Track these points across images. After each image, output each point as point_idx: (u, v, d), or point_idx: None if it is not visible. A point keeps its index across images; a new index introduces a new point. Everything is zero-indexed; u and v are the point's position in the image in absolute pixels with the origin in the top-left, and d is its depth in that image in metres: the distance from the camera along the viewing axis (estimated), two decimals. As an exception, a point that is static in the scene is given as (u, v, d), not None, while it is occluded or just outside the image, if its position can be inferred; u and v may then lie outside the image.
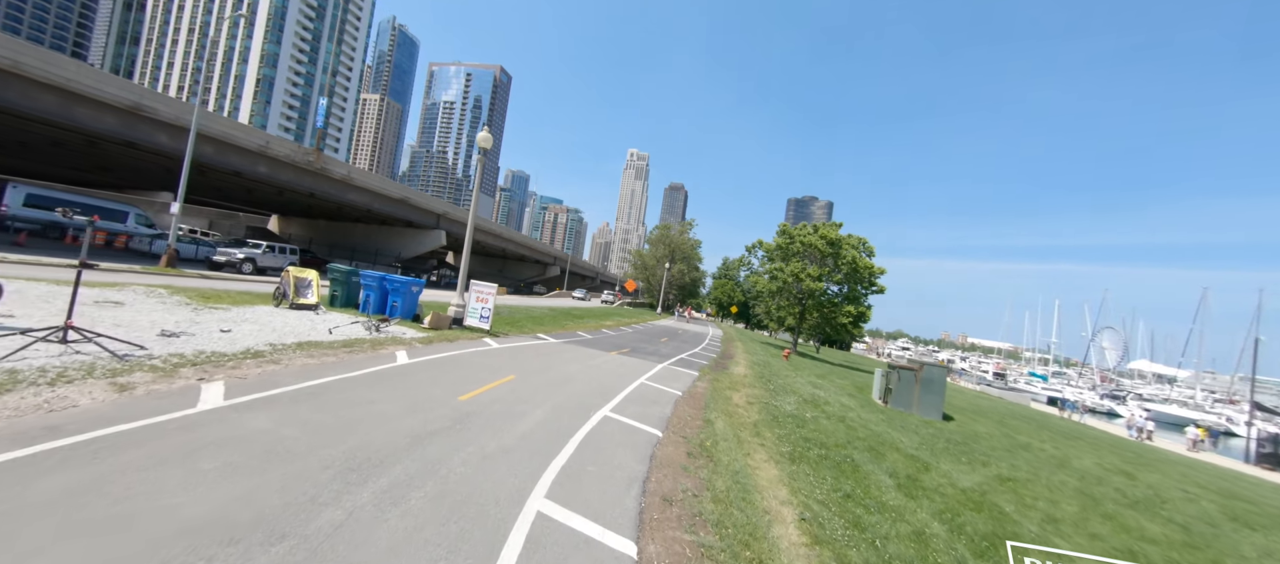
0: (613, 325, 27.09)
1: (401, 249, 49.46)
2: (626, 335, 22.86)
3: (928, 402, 15.74)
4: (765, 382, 14.55)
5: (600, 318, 29.99)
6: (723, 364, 17.88)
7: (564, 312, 29.15)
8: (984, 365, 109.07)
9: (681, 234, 66.43)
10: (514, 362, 10.53)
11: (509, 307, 26.31)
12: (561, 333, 18.50)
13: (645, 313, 52.32)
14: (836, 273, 32.21)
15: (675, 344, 22.83)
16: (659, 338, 24.74)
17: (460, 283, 14.67)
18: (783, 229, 35.27)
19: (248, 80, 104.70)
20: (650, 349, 18.52)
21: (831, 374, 24.30)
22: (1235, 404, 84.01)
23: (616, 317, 34.37)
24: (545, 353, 12.67)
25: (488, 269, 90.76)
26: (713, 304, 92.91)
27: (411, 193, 44.67)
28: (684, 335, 30.00)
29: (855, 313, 31.91)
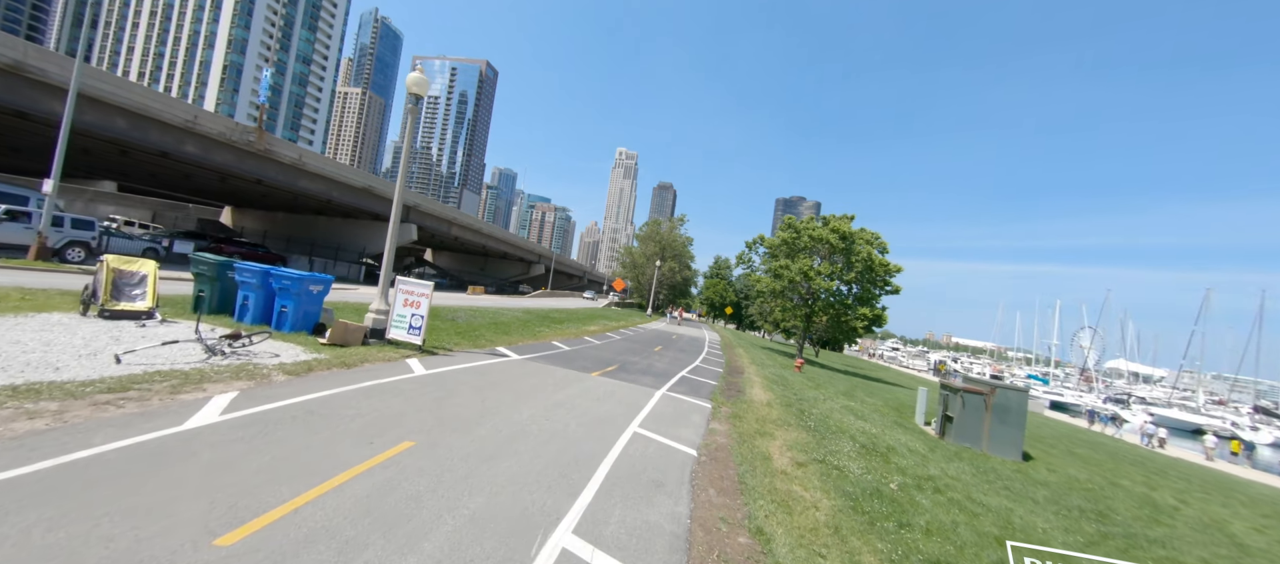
0: (597, 330, 23.25)
1: (367, 244, 45.04)
2: (614, 345, 19.02)
3: (1002, 436, 12.16)
4: (799, 414, 10.82)
5: (583, 322, 26.13)
6: (734, 384, 14.14)
7: (542, 315, 25.24)
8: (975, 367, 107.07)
9: (672, 230, 62.75)
10: (432, 406, 6.65)
11: (474, 310, 22.31)
12: (531, 345, 14.62)
13: (634, 314, 48.54)
14: (849, 271, 28.71)
15: (671, 355, 19.06)
16: (651, 347, 20.97)
17: (382, 278, 10.69)
18: (788, 222, 31.71)
19: (214, 66, 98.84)
20: (642, 364, 14.71)
21: (856, 389, 20.73)
22: (1223, 404, 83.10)
23: (603, 320, 30.52)
24: (494, 383, 8.79)
25: (467, 268, 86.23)
26: (705, 305, 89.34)
27: (376, 182, 40.35)
28: (679, 342, 26.27)
29: (870, 315, 28.44)
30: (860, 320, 28.34)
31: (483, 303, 29.34)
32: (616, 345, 18.90)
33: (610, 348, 17.66)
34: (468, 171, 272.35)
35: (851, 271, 28.41)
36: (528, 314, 24.38)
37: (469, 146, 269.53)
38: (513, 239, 70.48)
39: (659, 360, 16.56)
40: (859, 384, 24.55)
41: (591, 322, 27.17)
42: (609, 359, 14.56)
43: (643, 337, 25.60)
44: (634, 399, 9.44)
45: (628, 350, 17.87)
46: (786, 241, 31.02)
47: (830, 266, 28.11)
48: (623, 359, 15.10)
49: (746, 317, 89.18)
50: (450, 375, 8.56)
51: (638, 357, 16.54)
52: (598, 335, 21.49)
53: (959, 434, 12.63)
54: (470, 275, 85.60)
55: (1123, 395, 79.17)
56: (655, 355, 17.93)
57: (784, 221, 31.75)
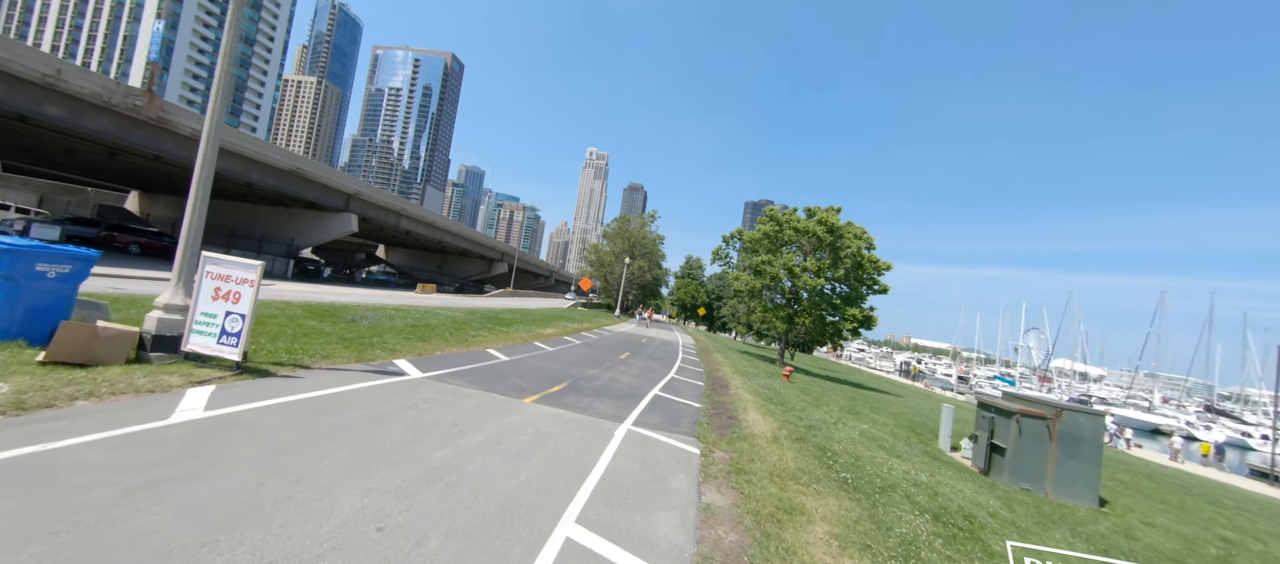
0: (553, 334, 19.61)
1: (300, 235, 39.88)
2: (569, 353, 15.43)
3: (1073, 474, 9.26)
4: (820, 454, 7.53)
5: (538, 324, 22.42)
6: (722, 405, 10.81)
7: (489, 316, 21.40)
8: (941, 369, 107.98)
9: (642, 228, 59.44)
10: (124, 505, 3.01)
11: (397, 309, 18.29)
12: (453, 355, 10.92)
13: (601, 315, 44.93)
14: (836, 268, 25.98)
15: (641, 365, 15.62)
16: (617, 354, 17.48)
17: (179, 258, 6.77)
18: (769, 214, 28.80)
19: (140, 42, 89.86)
20: (603, 381, 11.21)
21: (856, 402, 17.78)
22: (1167, 402, 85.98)
23: (563, 321, 26.85)
24: (331, 431, 5.13)
25: (424, 266, 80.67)
26: (676, 306, 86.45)
27: (306, 164, 35.41)
28: (650, 347, 22.89)
29: (860, 317, 25.77)
30: (849, 322, 25.68)
31: (420, 302, 25.22)
32: (573, 353, 15.32)
33: (564, 357, 14.08)
34: (431, 167, 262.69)
35: (839, 269, 25.71)
36: (471, 315, 20.50)
37: (433, 141, 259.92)
38: (472, 235, 65.73)
39: (625, 372, 13.10)
40: (851, 393, 21.76)
41: (548, 324, 23.49)
42: (558, 374, 10.99)
43: (608, 341, 22.09)
44: (582, 447, 5.94)
45: (586, 360, 14.33)
46: (768, 235, 28.10)
47: (816, 263, 25.33)
48: (577, 373, 11.55)
49: (718, 318, 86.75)
50: (249, 419, 4.85)
51: (598, 368, 13.04)
52: (552, 340, 17.85)
53: (1014, 471, 9.67)
54: (427, 274, 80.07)
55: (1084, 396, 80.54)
56: (621, 365, 14.46)
57: (765, 213, 28.84)
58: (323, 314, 12.18)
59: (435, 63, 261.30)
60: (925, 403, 26.89)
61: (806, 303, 26.55)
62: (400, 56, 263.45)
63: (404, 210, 46.97)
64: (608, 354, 16.74)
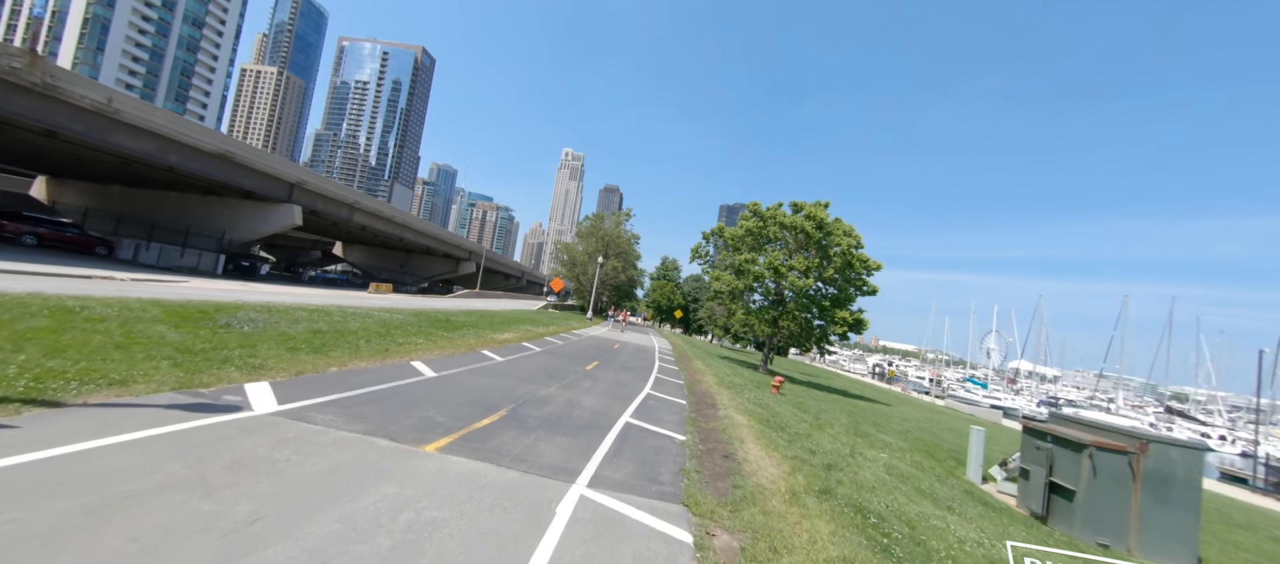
0: (511, 340, 16.86)
1: (234, 228, 35.80)
2: (522, 366, 12.73)
3: (1165, 526, 7.15)
4: (866, 526, 5.14)
5: (495, 328, 19.62)
6: (713, 436, 8.35)
7: (435, 320, 18.47)
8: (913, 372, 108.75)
9: (617, 226, 56.85)
10: None
11: (321, 310, 15.25)
12: (354, 373, 8.15)
13: (572, 318, 42.13)
14: (826, 267, 23.95)
15: (610, 378, 13.06)
16: (583, 363, 14.87)
17: None
18: (753, 209, 26.65)
19: (71, 17, 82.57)
20: (557, 406, 8.60)
21: (858, 417, 15.60)
22: (1128, 403, 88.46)
23: (527, 325, 24.06)
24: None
25: (385, 265, 76.18)
26: (651, 308, 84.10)
27: (237, 147, 31.55)
28: (623, 354, 20.34)
29: (850, 320, 23.79)
30: (838, 326, 23.69)
31: (361, 302, 22.05)
32: (528, 365, 12.64)
33: (514, 371, 11.40)
34: (399, 164, 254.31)
35: (828, 268, 23.70)
36: (414, 318, 17.55)
37: (401, 138, 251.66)
38: (436, 232, 61.92)
39: (590, 390, 10.53)
40: (845, 405, 19.67)
41: (507, 327, 20.69)
42: (498, 397, 8.33)
43: (574, 348, 19.43)
44: (495, 550, 3.39)
45: (542, 373, 11.67)
46: (751, 232, 25.92)
47: (805, 261, 23.25)
48: (525, 394, 8.92)
49: (694, 320, 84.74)
50: None
51: (556, 384, 10.43)
52: (506, 348, 15.13)
53: (1087, 519, 7.50)
54: (389, 274, 75.62)
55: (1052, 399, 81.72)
56: (585, 380, 11.88)
57: (748, 208, 26.70)
58: (189, 317, 9.22)
59: (405, 56, 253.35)
60: (917, 413, 25.15)
61: (792, 305, 24.46)
62: (368, 49, 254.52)
63: (358, 203, 43.20)
64: (572, 364, 14.12)
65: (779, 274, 23.60)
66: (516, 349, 15.15)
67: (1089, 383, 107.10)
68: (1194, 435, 63.70)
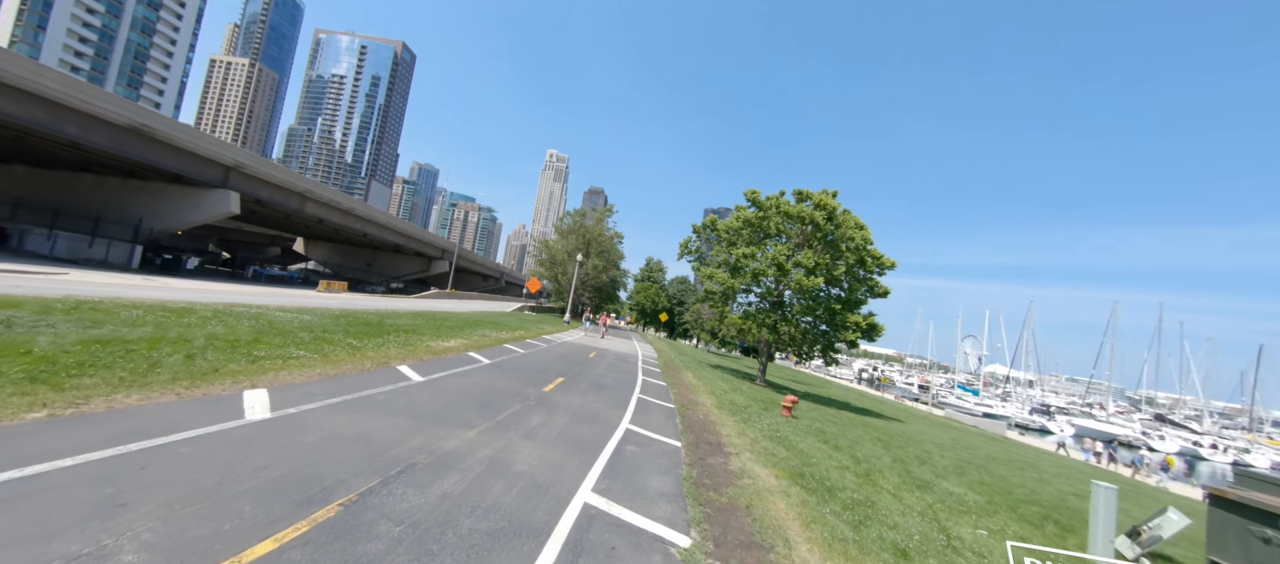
0: (452, 349, 13.14)
1: (156, 216, 31.23)
2: (448, 389, 9.02)
3: None
4: None
5: (449, 332, 15.86)
6: (734, 523, 4.88)
7: (362, 323, 14.66)
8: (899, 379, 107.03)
9: (599, 223, 53.25)
10: None
11: (188, 308, 11.35)
12: (132, 410, 4.49)
13: (548, 321, 38.36)
14: (837, 264, 20.69)
15: (575, 407, 9.43)
16: (543, 382, 11.22)
17: None
18: (751, 198, 23.30)
19: None
20: (468, 476, 4.98)
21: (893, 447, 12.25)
22: (1102, 408, 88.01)
23: (487, 329, 20.32)
24: None
25: (352, 263, 71.34)
26: (635, 311, 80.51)
27: (155, 120, 27.12)
28: (598, 366, 16.73)
29: (863, 324, 20.56)
30: (849, 332, 20.45)
31: (280, 301, 18.07)
32: (454, 390, 8.97)
33: (426, 402, 7.74)
34: (377, 162, 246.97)
35: (840, 265, 20.43)
36: (333, 321, 13.73)
37: (380, 135, 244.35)
38: (402, 227, 57.42)
39: (535, 435, 6.93)
40: (866, 427, 16.37)
41: (458, 333, 16.92)
42: (348, 470, 4.70)
43: (539, 359, 15.76)
44: None
45: (470, 405, 8.03)
46: (750, 223, 22.53)
47: (813, 257, 19.93)
48: (413, 452, 5.29)
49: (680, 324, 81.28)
50: None
51: (480, 427, 6.83)
52: (443, 362, 11.43)
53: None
54: (356, 272, 70.77)
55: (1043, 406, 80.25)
56: (536, 412, 8.29)
57: (746, 196, 23.34)
58: None
59: (384, 51, 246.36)
60: (941, 433, 22.00)
61: (797, 307, 21.15)
62: (345, 42, 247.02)
63: (309, 192, 38.80)
64: (525, 385, 10.47)
65: (782, 271, 20.27)
66: (456, 363, 11.46)
67: (1063, 387, 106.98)
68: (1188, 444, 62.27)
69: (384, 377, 8.55)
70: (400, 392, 7.75)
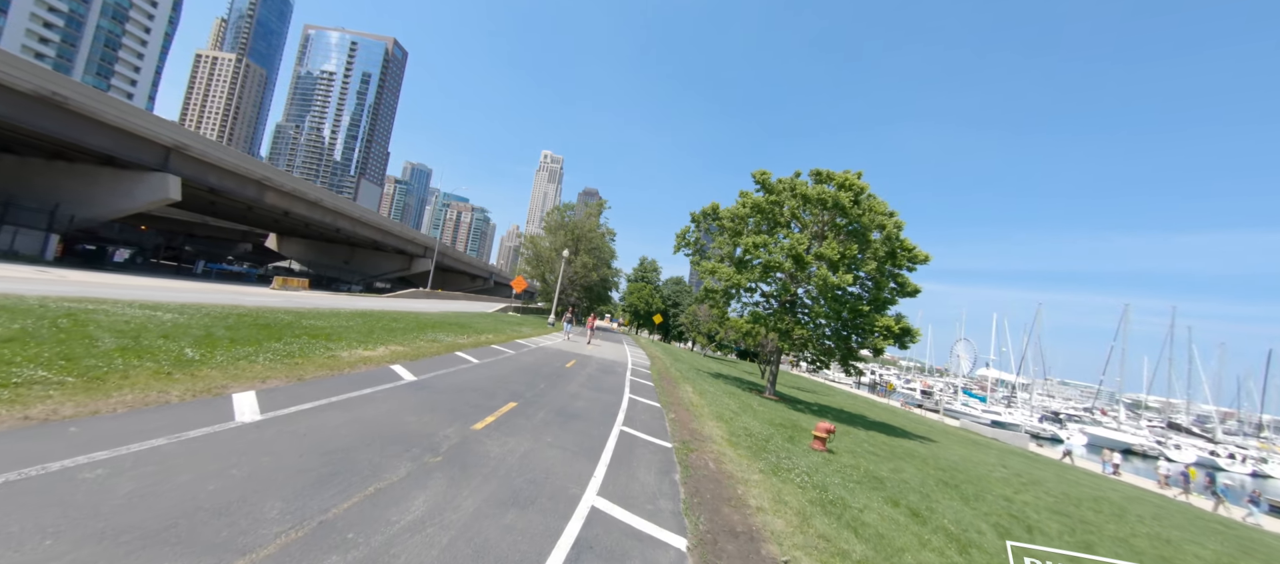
0: (379, 359, 9.63)
1: (79, 202, 27.43)
2: (302, 443, 5.56)
3: None
4: None
5: (372, 340, 12.32)
6: None
7: (268, 325, 11.12)
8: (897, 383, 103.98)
9: (589, 219, 49.80)
10: None
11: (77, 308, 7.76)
12: None
13: (530, 322, 34.82)
14: (866, 257, 17.30)
15: (519, 453, 5.93)
16: (479, 412, 7.69)
17: None
18: (760, 180, 19.90)
19: (-37, -27, 71.76)
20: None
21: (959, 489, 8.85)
22: (1106, 413, 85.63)
23: (441, 331, 16.79)
24: None
25: (329, 261, 67.36)
26: (628, 312, 77.01)
27: (73, 89, 23.40)
28: (575, 382, 13.22)
29: (895, 328, 17.18)
30: (879, 337, 17.09)
31: (193, 297, 14.48)
32: (331, 431, 5.49)
33: (263, 457, 4.29)
34: (367, 160, 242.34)
35: (869, 258, 17.06)
36: (247, 323, 10.21)
37: (370, 133, 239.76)
38: (379, 222, 53.60)
39: (426, 526, 3.55)
40: (900, 451, 12.99)
41: (408, 337, 13.40)
42: None
43: (499, 371, 12.26)
44: None
45: (344, 456, 4.59)
46: (760, 209, 19.08)
47: (838, 248, 16.51)
48: None
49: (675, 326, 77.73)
50: None
51: (335, 499, 3.44)
52: (358, 376, 7.95)
53: None
54: (333, 271, 66.86)
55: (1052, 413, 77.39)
56: (451, 466, 4.86)
57: (754, 178, 19.93)
58: None
59: (375, 47, 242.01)
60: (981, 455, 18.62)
61: (818, 308, 17.74)
62: (335, 38, 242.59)
63: (268, 180, 35.05)
64: (447, 420, 6.97)
65: (800, 264, 16.88)
66: (359, 382, 7.94)
67: (1058, 390, 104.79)
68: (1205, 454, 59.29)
69: (195, 413, 5.07)
70: (188, 446, 4.27)
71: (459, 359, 12.35)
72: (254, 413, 5.48)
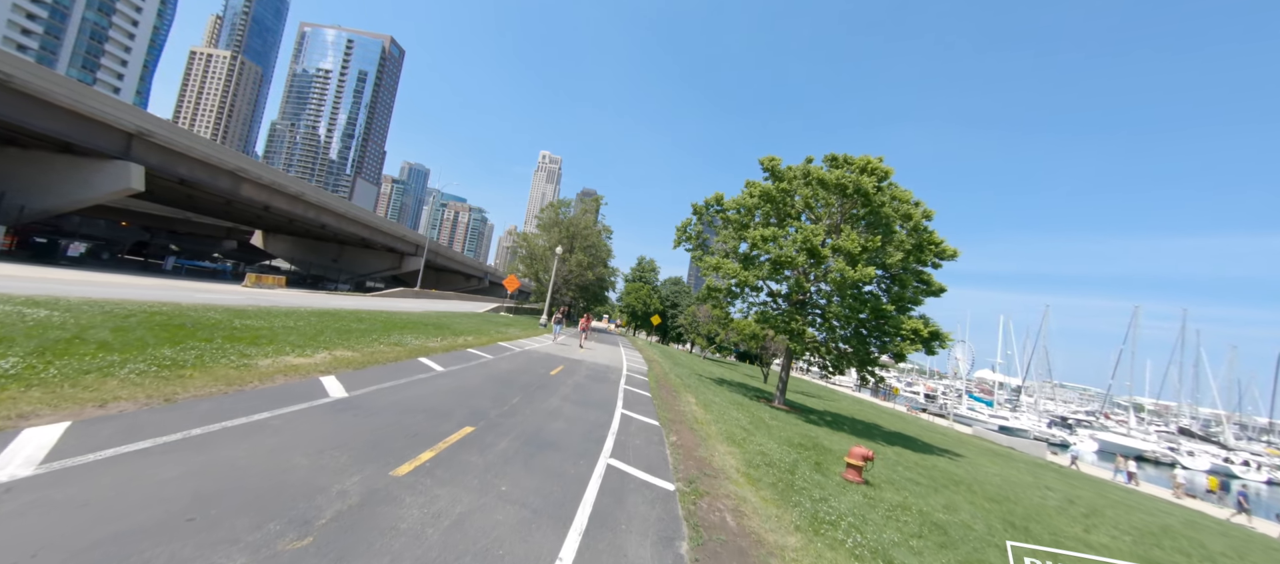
0: (306, 368, 7.70)
1: (36, 193, 25.38)
2: (102, 515, 3.60)
3: None
4: None
5: (305, 345, 10.34)
6: None
7: (179, 325, 9.15)
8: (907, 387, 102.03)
9: (585, 215, 47.82)
10: None
11: None
12: None
13: (519, 323, 32.86)
14: (889, 249, 15.38)
15: (446, 518, 4.05)
16: (416, 445, 5.73)
17: None
18: (769, 166, 17.95)
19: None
20: None
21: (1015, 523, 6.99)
22: (1104, 417, 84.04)
23: (423, 333, 14.82)
24: None
25: (317, 259, 65.24)
26: (625, 313, 74.98)
27: (18, 67, 21.36)
28: (556, 393, 11.22)
29: (924, 331, 15.25)
30: (907, 341, 15.14)
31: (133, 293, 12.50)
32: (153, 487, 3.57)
33: None
34: (363, 159, 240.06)
35: (894, 251, 15.13)
36: (157, 322, 8.27)
37: (366, 132, 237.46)
38: (366, 218, 51.46)
39: None
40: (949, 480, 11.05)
41: (363, 340, 11.43)
42: None
43: (466, 381, 10.30)
44: None
45: (136, 547, 2.71)
46: (770, 198, 17.12)
47: (860, 239, 14.54)
48: None
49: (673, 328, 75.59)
50: None
51: None
52: (265, 393, 6.01)
53: None
54: (321, 269, 64.76)
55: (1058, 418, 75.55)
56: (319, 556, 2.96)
57: (763, 165, 17.96)
58: None
59: (371, 45, 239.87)
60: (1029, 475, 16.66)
61: (833, 307, 15.77)
62: (331, 36, 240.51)
63: (243, 171, 32.99)
64: (360, 460, 5.04)
65: (816, 257, 14.92)
66: (264, 402, 5.99)
67: (1056, 393, 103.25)
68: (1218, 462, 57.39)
69: None
70: None
71: (420, 367, 10.37)
72: (28, 465, 3.52)
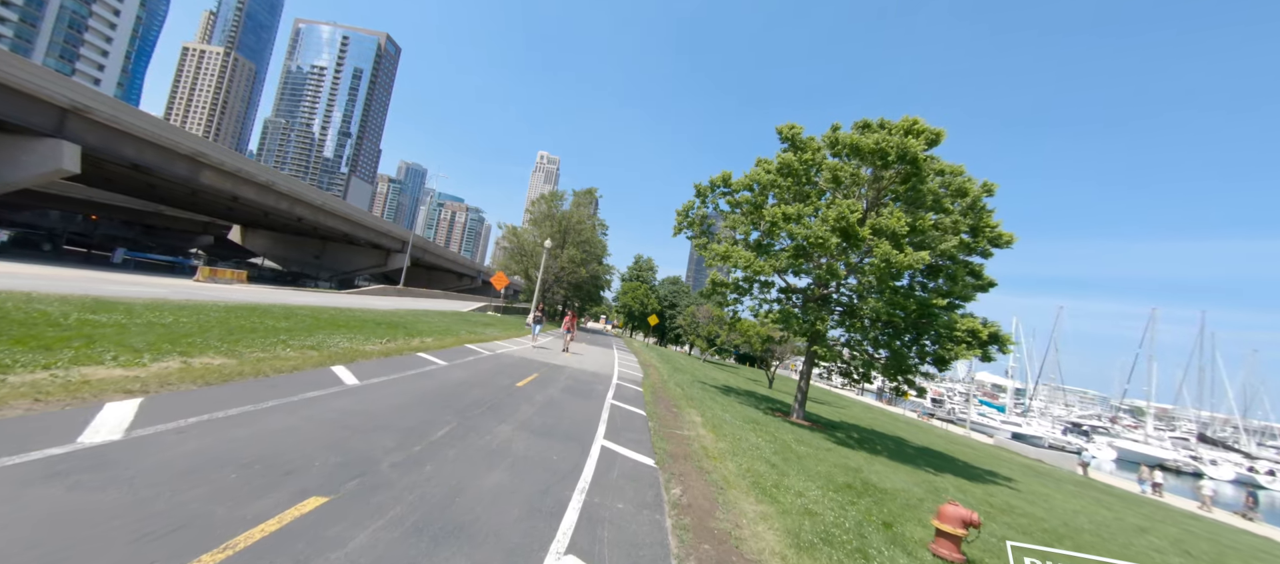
0: (169, 380, 4.84)
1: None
2: None
3: None
4: None
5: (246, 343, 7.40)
6: None
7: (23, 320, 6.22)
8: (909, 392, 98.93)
9: (578, 209, 44.96)
10: None
11: None
12: None
13: (500, 323, 29.93)
14: (943, 232, 12.49)
15: None
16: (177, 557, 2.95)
17: None
18: (789, 135, 15.02)
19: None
20: None
21: None
22: (1110, 422, 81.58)
23: (374, 335, 11.92)
24: None
25: (299, 255, 62.14)
26: (622, 313, 71.97)
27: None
28: (515, 415, 8.29)
29: (983, 333, 12.35)
30: (962, 344, 12.22)
31: None
32: None
33: None
34: (358, 157, 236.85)
35: (949, 233, 12.24)
36: None
37: (361, 130, 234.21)
38: (343, 211, 48.32)
39: None
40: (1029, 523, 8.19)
41: (272, 340, 8.52)
42: None
43: (399, 396, 7.41)
44: None
45: None
46: (792, 171, 14.17)
47: (905, 218, 11.60)
48: None
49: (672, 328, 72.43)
50: None
51: None
52: (15, 421, 3.12)
53: None
54: (303, 266, 61.72)
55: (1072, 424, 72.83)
56: None
57: (780, 134, 15.03)
58: None
59: (367, 42, 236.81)
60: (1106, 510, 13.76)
61: (871, 302, 12.82)
62: (326, 33, 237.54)
63: (201, 155, 29.99)
64: None
65: (852, 239, 12.01)
66: None
67: (1056, 397, 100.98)
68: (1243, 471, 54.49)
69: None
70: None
71: (322, 380, 7.45)
72: None
